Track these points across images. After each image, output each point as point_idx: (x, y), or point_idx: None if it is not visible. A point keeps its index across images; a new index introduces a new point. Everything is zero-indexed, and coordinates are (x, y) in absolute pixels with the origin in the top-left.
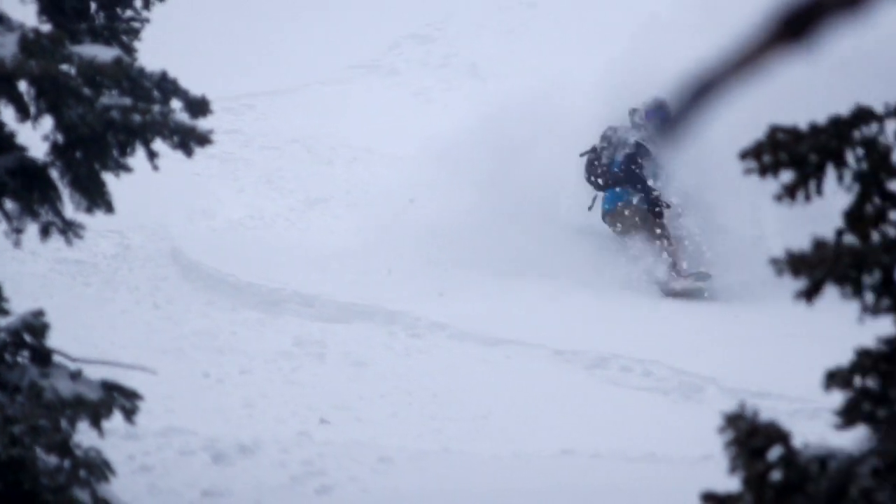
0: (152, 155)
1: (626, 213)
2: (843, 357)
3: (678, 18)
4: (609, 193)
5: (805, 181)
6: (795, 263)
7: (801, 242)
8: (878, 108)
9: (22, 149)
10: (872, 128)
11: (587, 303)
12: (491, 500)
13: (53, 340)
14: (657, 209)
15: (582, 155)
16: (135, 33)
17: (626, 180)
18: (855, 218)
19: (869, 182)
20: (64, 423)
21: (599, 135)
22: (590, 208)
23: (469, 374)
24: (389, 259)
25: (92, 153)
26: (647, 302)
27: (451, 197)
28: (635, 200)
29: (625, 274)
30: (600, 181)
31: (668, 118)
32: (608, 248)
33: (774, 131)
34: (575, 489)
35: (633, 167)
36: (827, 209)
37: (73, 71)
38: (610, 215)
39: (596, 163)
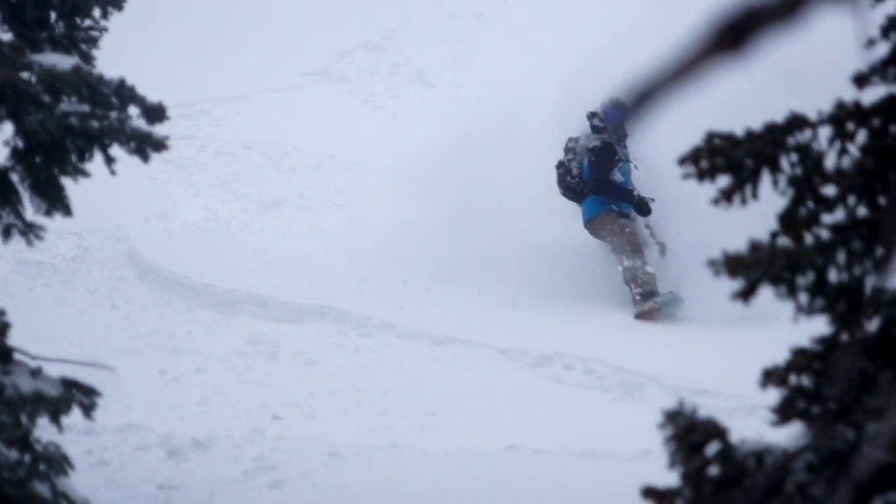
0: (110, 160)
1: (606, 221)
2: (779, 356)
3: (636, 35)
4: (587, 203)
5: (741, 185)
6: (732, 265)
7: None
8: (812, 115)
9: None
10: (806, 134)
11: (531, 304)
12: (438, 495)
13: (14, 339)
14: (642, 208)
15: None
16: (93, 42)
17: (601, 188)
18: (789, 221)
19: (802, 186)
20: (24, 419)
21: (563, 148)
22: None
23: (417, 372)
24: (341, 262)
25: (51, 158)
26: (589, 302)
27: (406, 204)
28: (615, 207)
29: (588, 288)
30: (575, 193)
31: (627, 114)
32: (563, 264)
33: (711, 137)
34: (520, 484)
35: (602, 173)
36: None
37: (33, 79)
38: (590, 224)
39: (568, 177)
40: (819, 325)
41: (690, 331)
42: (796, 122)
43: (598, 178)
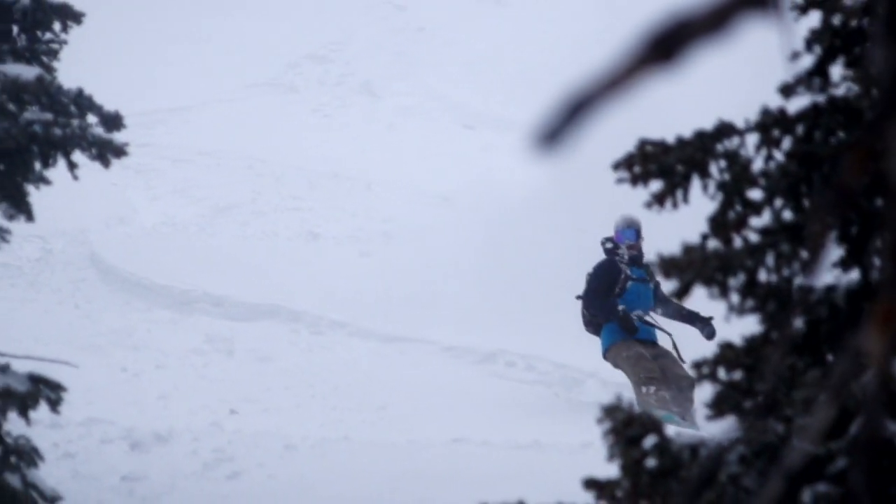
0: (72, 165)
1: (621, 349)
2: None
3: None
4: (602, 333)
5: (672, 190)
6: (667, 266)
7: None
8: (739, 123)
9: None
10: (734, 141)
11: (476, 302)
12: (388, 485)
13: None
14: (626, 325)
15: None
16: (54, 54)
17: (586, 303)
18: (718, 224)
19: (731, 191)
20: None
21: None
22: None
23: (367, 368)
24: (294, 263)
25: (15, 165)
26: (531, 299)
27: (358, 209)
28: (616, 338)
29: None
30: (593, 326)
31: (639, 236)
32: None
33: (644, 144)
34: (467, 475)
35: (593, 289)
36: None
37: None
38: (607, 356)
39: (584, 311)
40: (749, 324)
41: None
42: (725, 129)
43: (585, 293)
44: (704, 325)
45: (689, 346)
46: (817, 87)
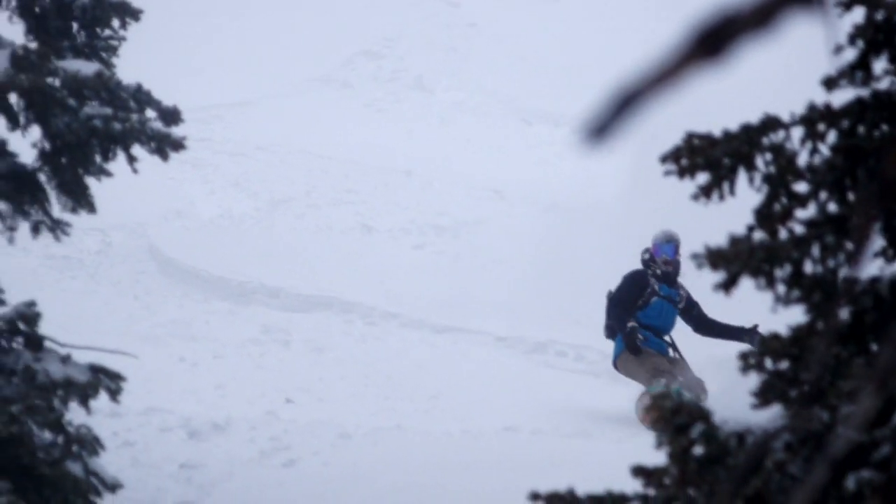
0: (132, 159)
1: (624, 357)
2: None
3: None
4: (617, 340)
5: (719, 182)
6: (714, 258)
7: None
8: (785, 117)
9: (13, 155)
10: (780, 134)
11: (527, 294)
12: (441, 473)
13: (44, 328)
14: (629, 343)
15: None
16: (113, 50)
17: (607, 307)
18: (764, 216)
19: (776, 183)
20: (56, 403)
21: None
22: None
23: (419, 358)
24: (348, 255)
25: (77, 159)
26: (581, 291)
27: (412, 200)
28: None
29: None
30: (608, 330)
31: (676, 252)
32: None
33: (691, 137)
34: (517, 462)
35: (618, 295)
36: None
37: (58, 83)
38: (618, 362)
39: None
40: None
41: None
42: (770, 122)
43: (610, 299)
44: (752, 336)
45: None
46: (860, 81)
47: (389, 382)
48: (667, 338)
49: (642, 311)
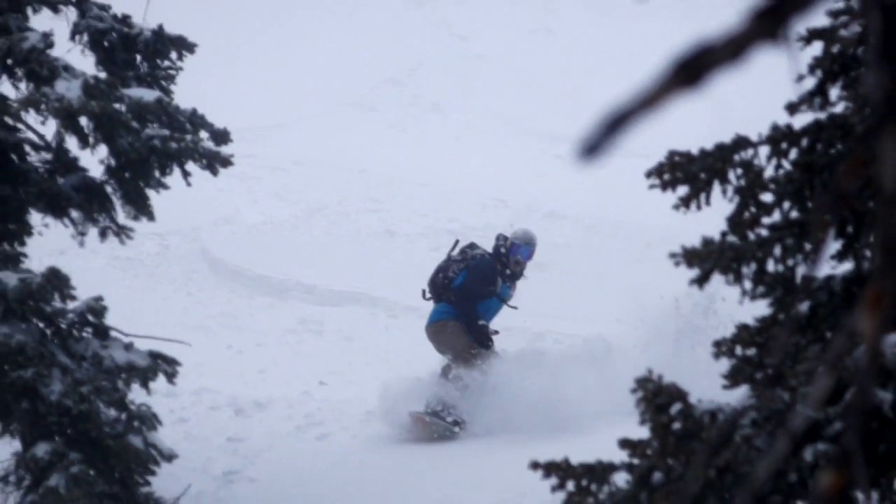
0: (186, 174)
1: (447, 330)
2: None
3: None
4: (440, 306)
5: (697, 194)
6: (689, 257)
7: None
8: (754, 137)
9: (84, 170)
10: (749, 152)
11: (528, 289)
12: (450, 443)
13: (110, 320)
14: (481, 339)
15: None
16: (171, 79)
17: (460, 301)
18: (735, 222)
19: (746, 194)
20: (120, 384)
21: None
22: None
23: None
24: (376, 257)
25: (138, 174)
26: (572, 286)
27: (434, 211)
28: (461, 322)
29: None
30: (436, 293)
31: (531, 256)
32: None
33: (672, 154)
34: (522, 429)
35: (468, 294)
36: None
37: (123, 108)
38: (431, 328)
39: (441, 274)
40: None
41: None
42: (741, 142)
43: (463, 290)
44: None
45: None
46: (818, 106)
47: (409, 367)
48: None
49: (479, 303)
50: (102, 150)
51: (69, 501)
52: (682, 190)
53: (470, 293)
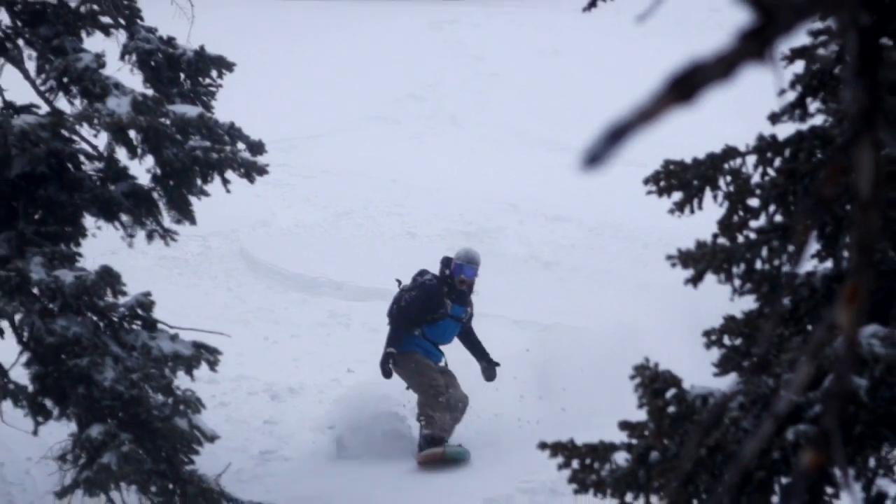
0: (225, 182)
1: (409, 360)
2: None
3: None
4: (404, 341)
5: (690, 199)
6: (684, 258)
7: None
8: (741, 146)
9: (132, 178)
10: (737, 161)
11: (538, 284)
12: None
13: (157, 313)
14: (383, 368)
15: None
16: (211, 95)
17: (391, 320)
18: (725, 226)
19: (735, 200)
20: (167, 372)
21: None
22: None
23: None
24: (399, 257)
25: (182, 182)
26: (580, 281)
27: (445, 212)
28: (420, 349)
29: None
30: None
31: (475, 274)
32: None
33: (667, 163)
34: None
35: (406, 308)
36: None
37: (168, 122)
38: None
39: (395, 304)
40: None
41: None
42: (730, 151)
43: (396, 309)
44: (489, 365)
45: None
46: (799, 118)
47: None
48: (442, 348)
49: (430, 326)
50: (149, 160)
51: (120, 478)
52: (677, 195)
53: (405, 310)
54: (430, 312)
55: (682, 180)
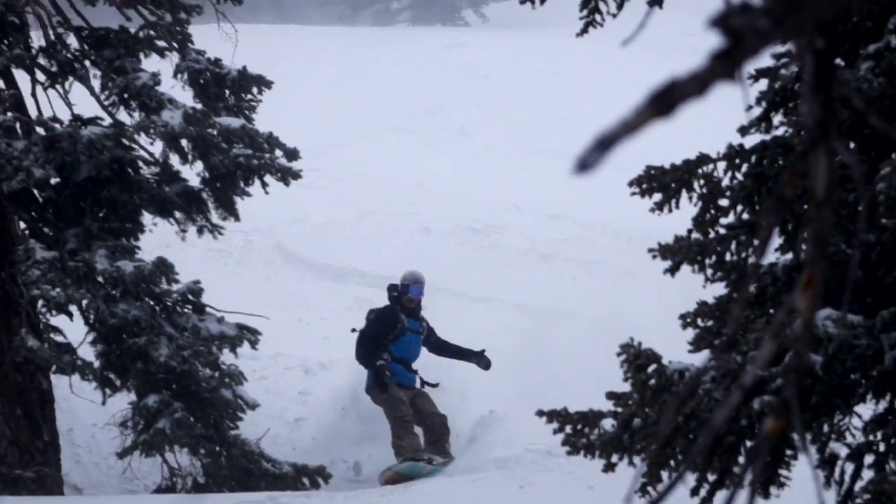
0: (264, 185)
1: (375, 392)
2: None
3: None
4: (369, 370)
5: (668, 200)
6: (664, 251)
7: None
8: (713, 154)
9: (184, 180)
10: (710, 166)
11: (538, 274)
12: (471, 377)
13: (206, 299)
14: (378, 379)
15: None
16: (252, 108)
17: (357, 344)
18: (699, 223)
19: (707, 200)
20: (214, 349)
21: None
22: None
23: (462, 318)
24: (416, 249)
25: (227, 184)
26: (569, 271)
27: (458, 210)
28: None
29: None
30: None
31: (421, 292)
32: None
33: (649, 168)
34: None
35: (367, 332)
36: None
37: (215, 133)
38: (370, 392)
39: (358, 343)
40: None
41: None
42: (703, 158)
43: (360, 338)
44: (479, 358)
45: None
46: (764, 129)
47: (442, 335)
48: (414, 366)
49: (394, 343)
50: (199, 165)
51: (173, 441)
52: (657, 196)
53: (365, 335)
54: (391, 329)
55: (661, 183)
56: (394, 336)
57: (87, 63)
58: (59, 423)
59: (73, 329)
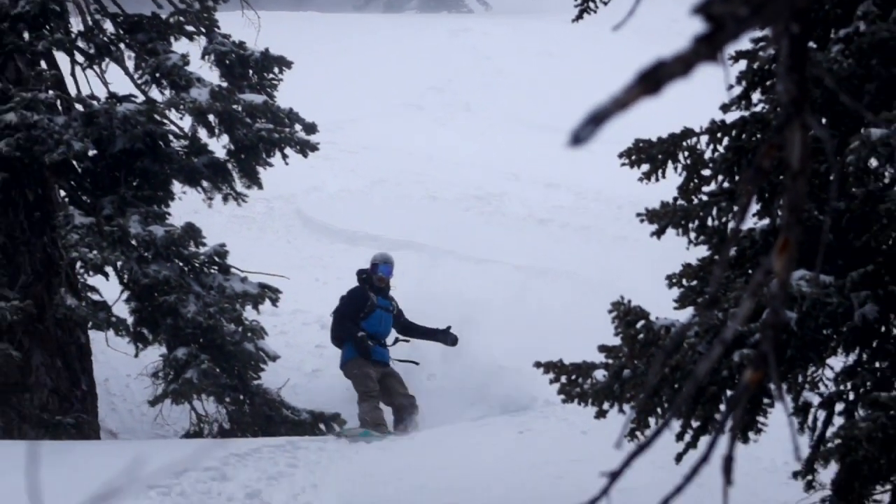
0: (284, 156)
1: (353, 367)
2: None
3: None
4: (344, 348)
5: (655, 170)
6: (651, 216)
7: None
8: (697, 128)
9: (211, 152)
10: (693, 140)
11: (534, 235)
12: (472, 334)
13: (231, 260)
14: (360, 347)
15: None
16: (274, 87)
17: (333, 323)
18: (683, 190)
19: (691, 170)
20: (238, 306)
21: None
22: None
23: (466, 278)
24: (423, 216)
25: (250, 155)
26: (564, 235)
27: (468, 179)
28: (353, 355)
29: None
30: (338, 339)
31: (390, 272)
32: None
33: (637, 141)
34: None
35: (341, 311)
36: None
37: (239, 108)
38: (343, 368)
39: (332, 327)
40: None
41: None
42: (687, 132)
43: (335, 311)
44: (446, 335)
45: None
46: (743, 106)
47: (446, 294)
48: (388, 341)
49: (365, 320)
50: (224, 138)
51: (201, 390)
52: (645, 167)
53: (340, 313)
54: (361, 307)
55: (649, 155)
56: (365, 313)
57: (121, 46)
58: (96, 373)
59: (108, 288)
